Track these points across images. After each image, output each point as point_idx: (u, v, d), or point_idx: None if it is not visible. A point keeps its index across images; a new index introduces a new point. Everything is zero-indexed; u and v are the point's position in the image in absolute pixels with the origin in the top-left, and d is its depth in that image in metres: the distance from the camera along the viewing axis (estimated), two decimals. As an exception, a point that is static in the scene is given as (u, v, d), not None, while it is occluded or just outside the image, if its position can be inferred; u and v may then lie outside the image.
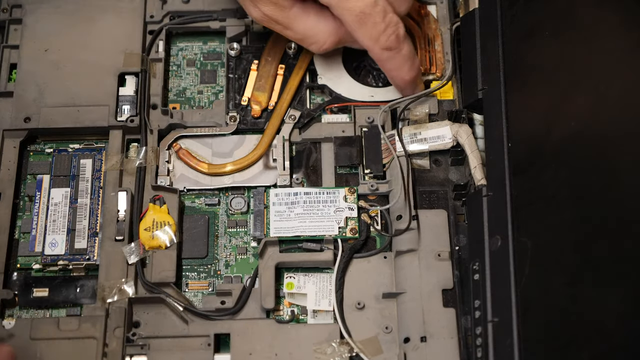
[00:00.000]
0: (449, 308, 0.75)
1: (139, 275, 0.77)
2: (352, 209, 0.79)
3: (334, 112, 0.86)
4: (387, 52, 0.79)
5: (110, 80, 0.85)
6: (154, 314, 0.77)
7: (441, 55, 0.86)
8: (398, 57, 0.80)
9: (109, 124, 0.83)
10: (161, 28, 0.89)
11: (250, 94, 0.85)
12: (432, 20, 0.88)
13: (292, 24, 0.80)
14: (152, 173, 0.81)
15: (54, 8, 0.88)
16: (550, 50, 0.76)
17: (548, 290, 0.68)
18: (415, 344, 0.74)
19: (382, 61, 0.80)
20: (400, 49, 0.79)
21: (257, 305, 0.76)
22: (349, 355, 0.74)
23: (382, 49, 0.79)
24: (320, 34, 0.80)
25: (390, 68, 0.81)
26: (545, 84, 0.75)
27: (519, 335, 0.67)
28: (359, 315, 0.76)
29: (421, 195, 0.80)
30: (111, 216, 0.79)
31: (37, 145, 0.84)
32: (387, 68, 0.81)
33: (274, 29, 0.81)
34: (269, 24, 0.81)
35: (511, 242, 0.71)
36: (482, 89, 0.80)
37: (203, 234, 0.81)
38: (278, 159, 0.82)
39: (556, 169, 0.71)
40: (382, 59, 0.80)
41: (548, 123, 0.73)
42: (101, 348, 0.74)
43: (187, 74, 0.89)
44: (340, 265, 0.77)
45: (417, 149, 0.81)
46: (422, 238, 0.77)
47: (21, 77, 0.85)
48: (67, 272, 0.79)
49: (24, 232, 0.80)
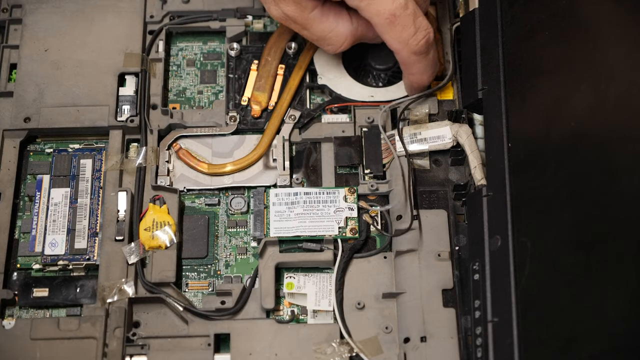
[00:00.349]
0: (449, 308, 0.75)
1: (139, 275, 0.77)
2: (352, 209, 0.79)
3: (334, 112, 0.86)
4: (415, 56, 0.78)
5: (110, 80, 0.85)
6: (154, 314, 0.77)
7: (441, 55, 0.86)
8: (424, 62, 0.79)
9: (109, 124, 0.83)
10: (161, 28, 0.89)
11: (250, 94, 0.85)
12: (432, 20, 0.88)
13: (310, 25, 0.79)
14: (152, 173, 0.81)
15: (54, 8, 0.88)
16: (550, 50, 0.76)
17: (548, 290, 0.68)
18: (415, 344, 0.74)
19: (409, 64, 0.80)
20: (428, 53, 0.79)
21: (257, 305, 0.76)
22: (349, 355, 0.74)
23: (411, 53, 0.78)
24: (338, 37, 0.80)
25: (414, 72, 0.80)
26: (545, 84, 0.75)
27: (519, 335, 0.67)
28: (359, 315, 0.76)
29: (421, 195, 0.80)
30: (111, 216, 0.79)
31: (37, 145, 0.84)
32: (411, 71, 0.81)
33: (292, 27, 0.81)
34: (287, 23, 0.80)
35: (511, 242, 0.71)
36: (482, 89, 0.80)
37: (203, 234, 0.81)
38: (278, 159, 0.82)
39: (556, 169, 0.71)
40: (410, 62, 0.79)
41: (548, 123, 0.73)
42: (101, 348, 0.74)
43: (187, 74, 0.89)
44: (340, 265, 0.77)
45: (417, 149, 0.81)
46: (422, 238, 0.77)
47: (21, 77, 0.85)
48: (67, 272, 0.79)
49: (24, 232, 0.80)
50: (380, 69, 0.87)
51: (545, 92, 0.75)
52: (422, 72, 0.80)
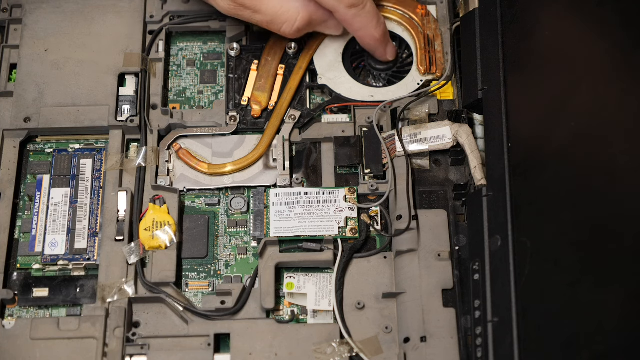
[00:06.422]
0: (449, 308, 0.75)
1: (139, 275, 0.77)
2: (352, 209, 0.79)
3: (334, 112, 0.86)
4: (352, 10, 0.81)
5: (110, 80, 0.85)
6: (154, 314, 0.77)
7: (441, 55, 0.86)
8: (364, 14, 0.82)
9: (109, 124, 0.83)
10: (161, 28, 0.89)
11: (250, 94, 0.85)
12: (432, 20, 0.88)
13: (260, 5, 0.80)
14: (152, 173, 0.81)
15: (54, 8, 0.88)
16: (550, 50, 0.76)
17: (548, 290, 0.68)
18: (415, 344, 0.74)
19: (349, 21, 0.82)
20: (364, 5, 0.81)
21: (257, 305, 0.76)
22: (349, 355, 0.74)
23: (347, 7, 0.81)
24: (290, 11, 0.81)
25: (358, 27, 0.83)
26: (545, 84, 0.75)
27: (519, 335, 0.67)
28: (359, 315, 0.76)
29: (421, 195, 0.80)
30: (111, 216, 0.79)
31: (37, 145, 0.84)
32: (356, 27, 0.83)
33: (243, 15, 0.82)
34: (237, 11, 0.81)
35: (511, 242, 0.71)
36: (482, 89, 0.80)
37: (203, 234, 0.81)
38: (278, 159, 0.82)
39: (556, 169, 0.71)
40: (349, 18, 0.82)
41: (548, 123, 0.73)
42: (101, 348, 0.74)
43: (187, 74, 0.89)
44: (340, 265, 0.77)
45: (417, 149, 0.81)
46: (422, 238, 0.77)
47: (21, 77, 0.85)
48: (67, 272, 0.79)
49: (24, 232, 0.80)
50: (380, 69, 0.87)
51: (545, 92, 0.75)
52: (366, 26, 0.83)
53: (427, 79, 0.86)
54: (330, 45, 0.87)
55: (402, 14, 0.88)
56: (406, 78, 0.86)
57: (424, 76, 0.86)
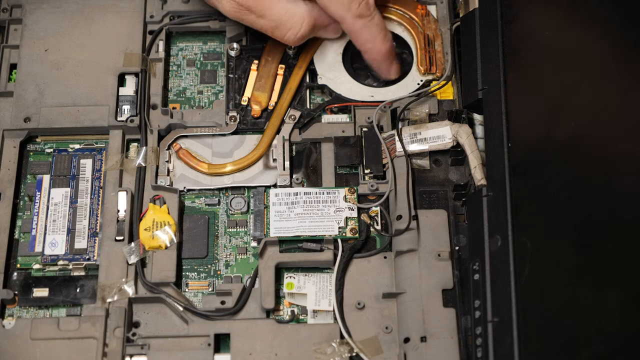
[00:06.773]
0: (449, 308, 0.75)
1: (139, 275, 0.77)
2: (352, 209, 0.79)
3: (334, 112, 0.86)
4: (360, 21, 0.80)
5: (110, 80, 0.85)
6: (154, 314, 0.77)
7: (441, 55, 0.86)
8: (371, 26, 0.80)
9: (109, 124, 0.83)
10: (161, 28, 0.89)
11: (250, 94, 0.85)
12: (432, 20, 0.88)
13: (265, 10, 0.79)
14: (152, 173, 0.81)
15: (54, 8, 0.88)
16: (550, 50, 0.76)
17: (548, 290, 0.68)
18: (415, 344, 0.74)
19: (357, 32, 0.81)
20: (372, 17, 0.80)
21: (257, 305, 0.76)
22: (349, 355, 0.74)
23: (355, 17, 0.79)
24: (295, 18, 0.80)
25: (365, 39, 0.81)
26: (545, 84, 0.75)
27: (519, 335, 0.67)
28: (359, 315, 0.76)
29: (421, 195, 0.80)
30: (111, 216, 0.79)
31: (37, 145, 0.84)
32: (363, 40, 0.81)
33: (247, 20, 0.81)
34: (242, 15, 0.80)
35: (511, 242, 0.71)
36: (482, 89, 0.80)
37: (203, 234, 0.81)
38: (278, 159, 0.82)
39: (556, 169, 0.71)
40: (356, 28, 0.80)
41: (548, 123, 0.73)
42: (101, 348, 0.74)
43: (187, 74, 0.89)
44: (340, 265, 0.77)
45: (417, 149, 0.81)
46: (422, 238, 0.77)
47: (21, 77, 0.85)
48: (67, 272, 0.79)
49: (24, 232, 0.80)
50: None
51: (545, 92, 0.75)
52: (373, 39, 0.81)
53: (427, 79, 0.86)
54: (330, 46, 0.87)
55: (402, 14, 0.88)
56: (406, 78, 0.86)
57: (424, 76, 0.86)
